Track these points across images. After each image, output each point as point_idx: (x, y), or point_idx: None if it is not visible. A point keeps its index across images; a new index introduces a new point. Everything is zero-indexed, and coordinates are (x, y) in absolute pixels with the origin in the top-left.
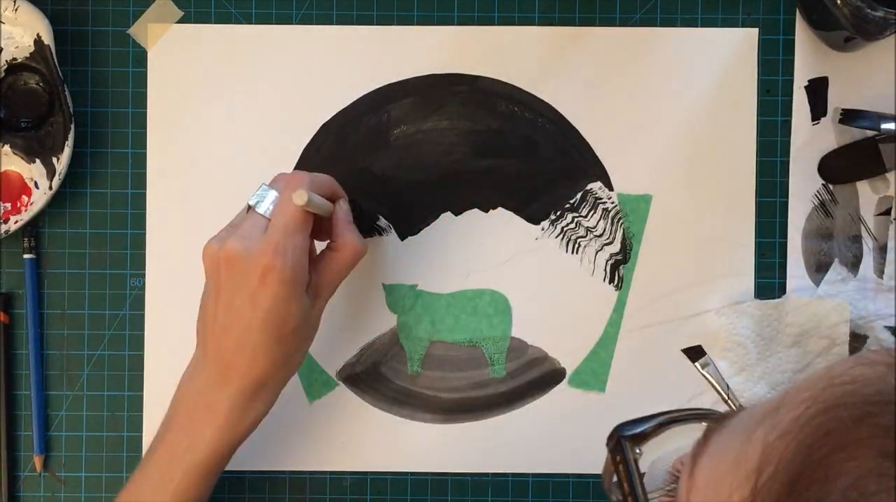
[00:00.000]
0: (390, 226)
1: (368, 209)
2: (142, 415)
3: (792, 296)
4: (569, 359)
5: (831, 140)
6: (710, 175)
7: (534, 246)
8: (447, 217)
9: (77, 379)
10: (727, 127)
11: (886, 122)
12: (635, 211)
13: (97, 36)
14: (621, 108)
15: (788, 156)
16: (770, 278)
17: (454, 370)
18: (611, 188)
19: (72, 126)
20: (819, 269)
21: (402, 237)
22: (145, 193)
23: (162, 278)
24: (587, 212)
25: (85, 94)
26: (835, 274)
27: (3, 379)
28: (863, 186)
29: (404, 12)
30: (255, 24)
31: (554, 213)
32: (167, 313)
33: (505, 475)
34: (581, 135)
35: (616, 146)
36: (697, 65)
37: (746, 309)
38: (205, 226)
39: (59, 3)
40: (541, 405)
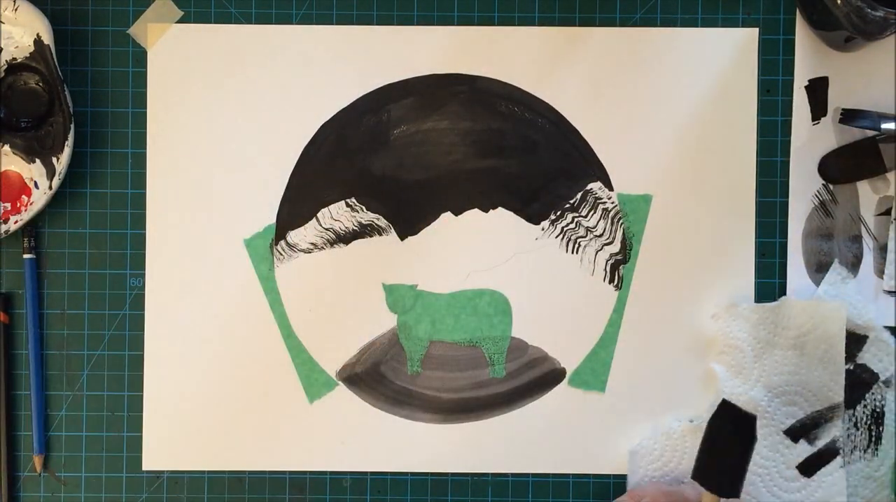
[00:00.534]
0: (390, 226)
1: (368, 209)
2: (142, 415)
3: (790, 299)
4: (569, 359)
5: (831, 140)
6: (710, 175)
7: (534, 246)
8: (447, 217)
9: (77, 380)
10: (727, 127)
11: (886, 122)
12: (635, 211)
13: (97, 36)
14: (621, 107)
15: (788, 156)
16: (770, 278)
17: (454, 370)
18: (611, 188)
19: (72, 126)
20: (819, 269)
21: (402, 237)
22: (145, 193)
23: (162, 278)
24: (587, 212)
25: (85, 94)
26: (835, 274)
27: (3, 379)
28: (863, 186)
29: (404, 12)
30: (255, 24)
31: (554, 213)
32: (167, 313)
33: (505, 475)
34: (581, 135)
35: (616, 146)
36: (697, 65)
37: (743, 312)
38: (205, 226)
39: (59, 3)
40: (541, 405)
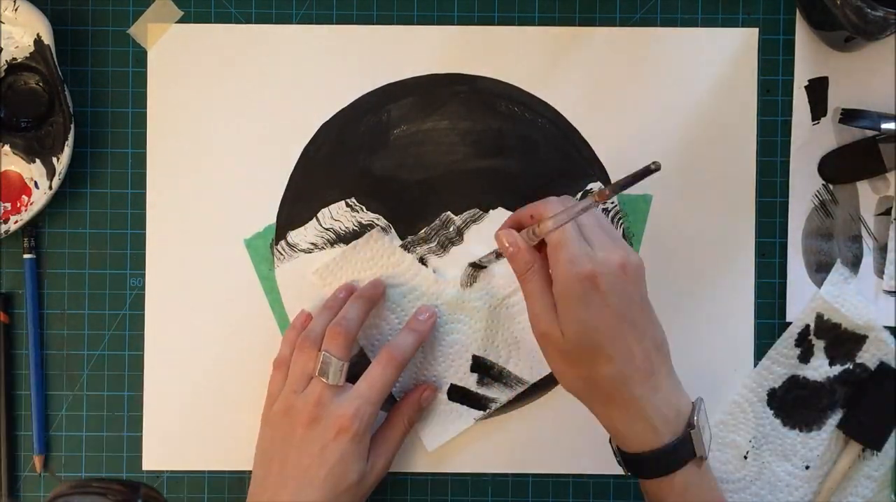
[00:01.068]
0: (390, 226)
1: (368, 209)
2: (142, 415)
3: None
4: None
5: (831, 140)
6: (710, 175)
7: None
8: (447, 217)
9: (77, 379)
10: (727, 127)
11: (886, 122)
12: (635, 211)
13: (97, 36)
14: (621, 108)
15: (788, 156)
16: (770, 278)
17: None
18: None
19: (72, 126)
20: (819, 269)
21: (402, 237)
22: (145, 193)
23: (162, 278)
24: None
25: (85, 94)
26: (838, 274)
27: (3, 379)
28: (863, 186)
29: (404, 12)
30: (255, 24)
31: None
32: (167, 313)
33: (505, 475)
34: (581, 135)
35: (616, 146)
36: (697, 65)
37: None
38: (205, 226)
39: (59, 3)
40: (541, 405)
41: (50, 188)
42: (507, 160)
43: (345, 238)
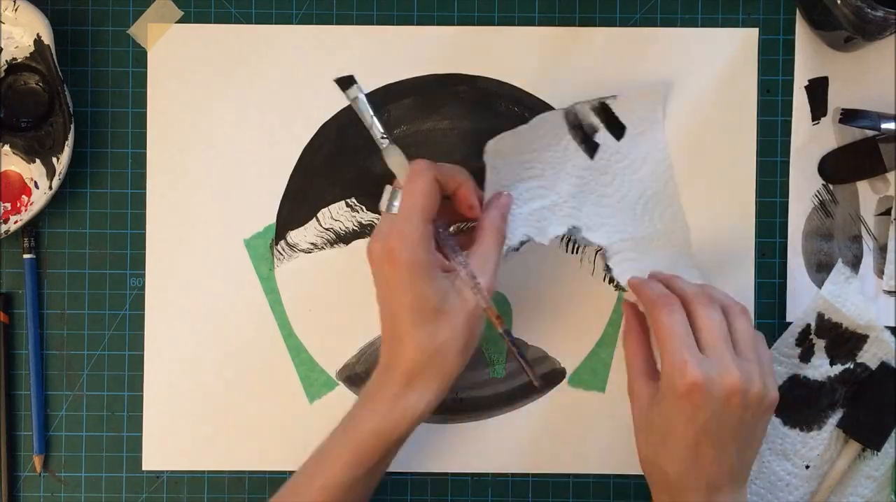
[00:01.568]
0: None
1: (368, 209)
2: (142, 415)
3: None
4: (569, 359)
5: (831, 140)
6: (710, 175)
7: (534, 245)
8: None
9: (77, 379)
10: (727, 127)
11: (886, 122)
12: None
13: (97, 36)
14: None
15: (788, 156)
16: (770, 278)
17: None
18: None
19: (72, 126)
20: (819, 269)
21: None
22: (145, 193)
23: (162, 278)
24: None
25: (85, 94)
26: (839, 274)
27: (3, 379)
28: (863, 186)
29: (404, 12)
30: (255, 24)
31: None
32: (167, 313)
33: (505, 475)
34: None
35: None
36: (697, 65)
37: None
38: (205, 225)
39: (59, 3)
40: (541, 405)
41: (50, 188)
42: None
43: (345, 238)
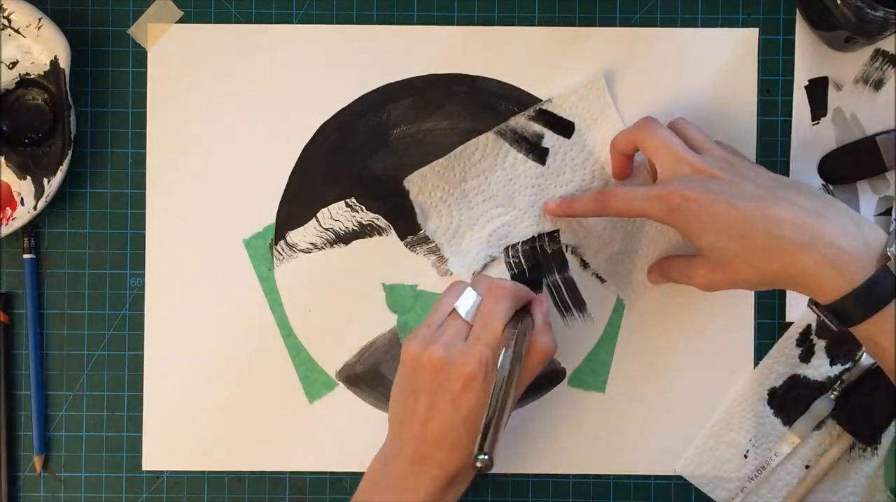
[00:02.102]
0: (390, 226)
1: (368, 209)
2: (142, 415)
3: None
4: (569, 359)
5: (831, 140)
6: None
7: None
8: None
9: (77, 379)
10: (727, 127)
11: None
12: None
13: (97, 36)
14: (621, 108)
15: (788, 157)
16: None
17: None
18: None
19: (69, 152)
20: None
21: (402, 237)
22: (145, 193)
23: (162, 278)
24: None
25: (85, 93)
26: None
27: (3, 379)
28: (863, 186)
29: (404, 12)
30: (256, 23)
31: None
32: (167, 313)
33: (505, 475)
34: None
35: None
36: (697, 65)
37: None
38: (204, 226)
39: (60, 3)
40: (541, 405)
41: (34, 208)
42: None
43: (344, 238)
